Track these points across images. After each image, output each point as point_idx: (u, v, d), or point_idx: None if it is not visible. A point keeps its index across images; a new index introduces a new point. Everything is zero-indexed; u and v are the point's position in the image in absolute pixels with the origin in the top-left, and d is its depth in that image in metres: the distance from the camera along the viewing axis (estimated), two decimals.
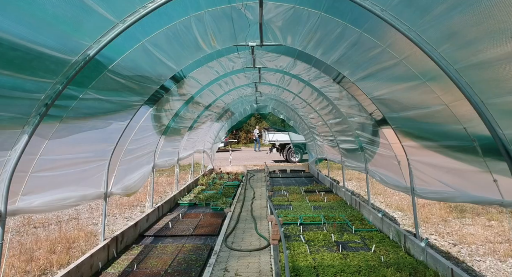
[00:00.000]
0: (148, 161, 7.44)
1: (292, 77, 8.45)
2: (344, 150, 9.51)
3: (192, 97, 8.12)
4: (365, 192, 11.71)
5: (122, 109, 4.77)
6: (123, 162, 5.84)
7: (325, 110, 9.00)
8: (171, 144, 9.13)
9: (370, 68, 4.45)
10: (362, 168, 8.07)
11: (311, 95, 8.85)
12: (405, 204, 9.50)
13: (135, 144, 6.09)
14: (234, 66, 7.44)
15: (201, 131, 12.59)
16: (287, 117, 16.60)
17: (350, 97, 6.05)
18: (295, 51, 5.90)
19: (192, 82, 6.75)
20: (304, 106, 11.17)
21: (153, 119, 6.34)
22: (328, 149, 12.05)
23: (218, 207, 8.90)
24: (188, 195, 10.50)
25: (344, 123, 8.14)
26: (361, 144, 7.66)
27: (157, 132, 7.24)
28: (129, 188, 6.27)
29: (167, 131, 8.06)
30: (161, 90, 5.71)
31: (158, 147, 7.94)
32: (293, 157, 22.35)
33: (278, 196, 10.34)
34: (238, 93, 11.75)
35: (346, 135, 8.67)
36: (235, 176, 14.34)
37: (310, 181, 13.60)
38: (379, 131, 5.97)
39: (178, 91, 6.50)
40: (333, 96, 7.20)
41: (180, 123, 8.86)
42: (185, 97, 7.40)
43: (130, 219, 8.59)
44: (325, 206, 8.81)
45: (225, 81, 8.84)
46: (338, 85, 6.08)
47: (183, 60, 5.17)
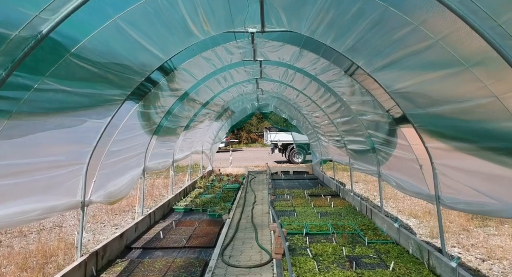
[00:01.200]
0: (137, 164, 6.71)
1: (297, 72, 7.71)
2: (353, 151, 8.77)
3: (186, 93, 7.39)
4: (374, 196, 10.97)
5: (98, 104, 4.04)
6: (105, 166, 5.11)
7: (332, 108, 8.26)
8: (164, 145, 8.41)
9: (393, 55, 3.70)
10: (373, 172, 7.33)
11: (317, 91, 8.10)
12: (419, 210, 8.74)
13: (119, 145, 5.36)
14: (232, 58, 6.71)
15: (199, 131, 11.87)
16: (290, 116, 15.87)
17: (364, 92, 5.31)
18: (301, 39, 5.16)
19: (185, 76, 6.01)
20: (309, 104, 10.42)
21: (141, 117, 5.62)
22: (334, 150, 11.30)
23: (216, 214, 8.18)
24: (184, 200, 9.78)
25: (354, 122, 7.40)
26: (373, 145, 6.91)
27: (147, 131, 6.51)
28: (113, 195, 5.54)
29: (159, 131, 7.34)
30: (148, 84, 4.99)
31: (149, 148, 7.21)
32: (295, 158, 21.61)
33: (281, 201, 9.61)
34: (238, 90, 11.03)
35: (355, 135, 7.92)
36: (235, 178, 13.62)
37: (315, 184, 12.85)
38: (397, 130, 5.22)
39: (169, 86, 5.77)
40: (342, 92, 6.45)
41: (174, 122, 8.13)
42: (178, 93, 6.67)
43: (120, 227, 7.87)
44: (332, 213, 8.06)
45: (223, 76, 8.11)
46: (350, 78, 5.33)
47: (171, 47, 4.43)
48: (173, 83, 5.78)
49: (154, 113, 6.21)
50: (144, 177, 7.20)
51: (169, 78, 5.44)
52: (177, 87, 6.29)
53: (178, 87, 6.36)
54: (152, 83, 5.11)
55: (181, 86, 6.48)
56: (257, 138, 42.69)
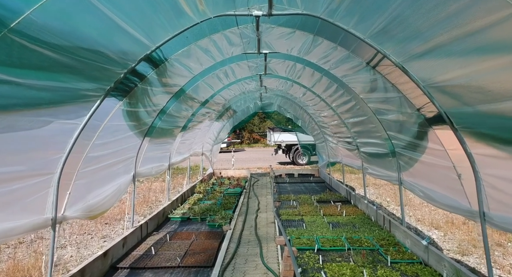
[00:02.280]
0: (125, 170, 5.92)
1: (306, 66, 6.90)
2: (367, 154, 7.95)
3: (182, 90, 6.59)
4: (387, 202, 10.15)
5: (66, 100, 3.25)
6: (83, 175, 4.32)
7: (345, 107, 7.44)
8: (159, 148, 7.61)
9: (438, 37, 2.89)
10: (392, 178, 6.51)
11: (328, 88, 7.28)
12: (440, 220, 7.91)
13: (101, 149, 4.57)
14: (233, 51, 5.91)
15: (198, 132, 11.08)
16: (295, 116, 15.06)
17: (389, 87, 4.49)
18: (315, 24, 4.36)
19: (178, 69, 5.21)
20: (317, 102, 9.61)
21: (127, 116, 4.82)
22: (344, 152, 10.47)
23: (216, 224, 7.38)
24: (182, 207, 8.98)
25: (370, 122, 6.58)
26: (392, 148, 6.09)
27: (136, 133, 5.72)
28: (95, 208, 4.75)
29: (152, 132, 6.54)
30: (133, 77, 4.19)
31: (141, 152, 6.42)
32: (300, 159, 20.80)
33: (286, 208, 8.80)
34: (240, 88, 10.22)
35: (370, 137, 7.10)
36: (237, 181, 12.83)
37: (322, 188, 12.03)
38: (428, 132, 4.40)
39: (160, 80, 4.97)
40: (360, 88, 5.64)
41: (170, 122, 7.33)
42: (172, 90, 5.87)
43: (108, 240, 7.09)
44: (344, 223, 7.25)
45: (224, 71, 7.31)
46: (373, 70, 4.51)
47: (159, 31, 3.63)
48: (165, 77, 4.98)
49: (144, 112, 5.41)
50: (135, 184, 6.41)
51: (160, 71, 4.64)
52: (171, 82, 5.49)
53: (171, 83, 5.56)
54: (139, 76, 4.30)
55: (175, 82, 5.68)
56: (260, 138, 41.88)
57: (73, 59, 2.89)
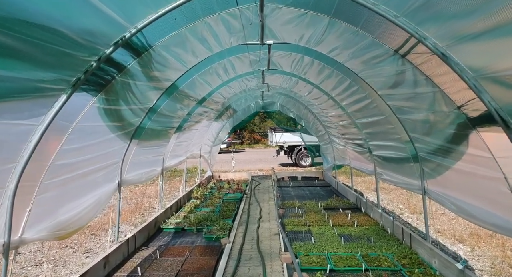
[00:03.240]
0: (108, 178, 5.14)
1: (315, 59, 6.12)
2: (381, 158, 7.15)
3: (175, 86, 5.81)
4: (400, 209, 9.36)
5: (11, 94, 2.47)
6: (49, 187, 3.54)
7: (358, 105, 6.65)
8: (150, 151, 6.83)
9: (507, 10, 2.10)
10: (413, 186, 5.72)
11: (339, 84, 6.50)
12: (463, 231, 7.12)
13: (72, 155, 3.79)
14: (232, 40, 5.13)
15: (195, 133, 10.29)
16: (298, 116, 14.28)
17: (421, 80, 3.70)
18: (332, 2, 3.57)
19: (167, 60, 4.42)
20: (324, 101, 8.83)
21: (105, 115, 4.03)
22: (353, 154, 9.69)
23: (213, 236, 6.59)
24: (177, 215, 8.20)
25: (387, 123, 5.79)
26: (414, 152, 5.31)
27: (120, 135, 4.94)
28: (68, 225, 3.98)
29: (140, 134, 5.76)
30: (108, 67, 3.40)
31: (128, 156, 5.64)
32: (303, 161, 20.01)
33: (291, 217, 8.01)
34: (241, 85, 9.45)
35: (387, 139, 6.32)
36: (237, 185, 12.04)
37: (328, 193, 11.24)
38: (470, 135, 3.61)
39: (145, 73, 4.19)
40: (381, 83, 4.84)
41: (162, 122, 6.55)
42: (161, 85, 5.09)
43: (92, 255, 6.30)
44: (357, 236, 6.46)
45: (223, 65, 6.53)
46: (402, 60, 3.72)
47: (138, 6, 2.85)
48: (150, 69, 4.19)
49: (128, 111, 4.62)
50: (121, 194, 5.62)
51: (143, 61, 3.85)
52: (159, 76, 4.70)
53: (160, 77, 4.77)
54: (116, 67, 3.52)
55: (165, 75, 4.90)
56: (260, 139, 41.09)
57: (15, 38, 2.11)
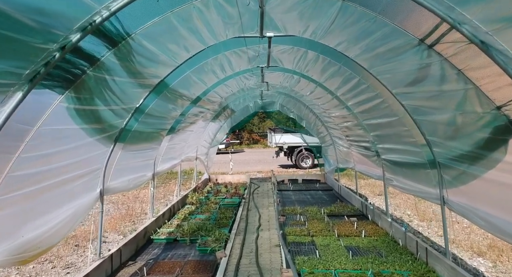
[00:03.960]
0: (87, 187, 4.54)
1: (320, 54, 5.54)
2: (391, 162, 6.57)
3: (165, 84, 5.22)
4: (408, 216, 8.78)
5: None
6: (4, 203, 2.94)
7: (366, 105, 6.07)
8: (139, 155, 6.23)
9: None
10: (429, 195, 5.14)
11: (346, 82, 5.92)
12: (480, 243, 6.54)
13: (36, 165, 3.20)
14: (228, 33, 4.56)
15: (190, 134, 9.70)
16: (299, 116, 13.71)
17: (452, 74, 3.11)
18: None
19: (152, 52, 3.82)
20: (327, 100, 8.25)
21: (79, 117, 3.43)
22: (358, 157, 9.11)
23: (208, 249, 6.00)
24: (169, 223, 7.60)
25: (401, 124, 5.21)
26: (432, 157, 4.73)
27: (101, 139, 4.34)
28: (33, 245, 3.39)
29: (126, 137, 5.18)
30: (76, 59, 2.81)
31: (111, 162, 5.05)
32: (303, 163, 19.42)
33: (293, 225, 7.44)
34: (239, 84, 8.86)
35: (400, 142, 5.75)
36: (235, 189, 11.45)
37: (331, 198, 10.66)
38: (510, 140, 3.03)
39: (125, 67, 3.59)
40: (397, 79, 4.26)
41: (151, 124, 5.97)
42: (147, 82, 4.49)
43: (74, 271, 5.70)
44: (366, 248, 5.88)
45: (218, 61, 5.94)
46: (429, 51, 3.13)
47: None
48: (131, 63, 3.60)
49: (108, 111, 4.03)
50: (103, 204, 5.02)
51: (121, 52, 3.26)
52: (144, 71, 4.11)
53: (145, 72, 4.18)
54: (87, 58, 2.92)
55: (151, 71, 4.30)
56: (259, 139, 40.50)
57: None
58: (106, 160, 4.87)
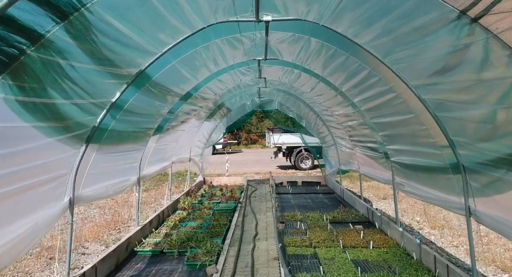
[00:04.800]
0: (52, 197, 3.84)
1: (325, 42, 4.86)
2: (402, 166, 5.89)
3: (146, 75, 4.53)
4: (417, 222, 8.11)
5: None
6: None
7: (376, 101, 5.39)
8: (120, 158, 5.53)
9: None
10: (451, 204, 4.45)
11: (354, 75, 5.24)
12: (503, 255, 5.87)
13: None
14: (217, 15, 3.87)
15: (182, 134, 9.00)
16: (298, 115, 13.02)
17: (503, 57, 2.43)
18: None
19: (124, 34, 3.12)
20: (330, 97, 7.58)
21: (26, 111, 2.73)
22: (363, 159, 8.43)
23: (197, 263, 5.31)
24: (157, 232, 6.90)
25: (417, 123, 4.53)
26: (455, 161, 4.06)
27: (66, 139, 3.64)
28: None
29: (101, 137, 4.48)
30: (8, 32, 2.11)
31: (84, 165, 4.35)
32: (303, 163, 18.74)
33: (293, 234, 6.77)
34: (234, 80, 8.18)
35: (414, 143, 5.08)
36: (231, 193, 10.74)
37: (333, 202, 9.99)
38: None
39: (85, 50, 2.87)
40: (421, 68, 3.56)
41: (133, 122, 5.28)
42: (122, 71, 3.78)
43: None
44: (376, 263, 5.20)
45: (208, 50, 5.25)
46: (470, 26, 2.45)
47: None
48: (93, 45, 2.88)
49: (71, 105, 3.32)
50: (73, 215, 4.32)
51: (75, 28, 2.55)
52: (114, 58, 3.39)
53: (117, 59, 3.47)
54: (25, 34, 2.22)
55: (124, 58, 3.60)
56: (258, 139, 39.83)
57: None
58: (76, 164, 4.17)
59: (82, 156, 4.21)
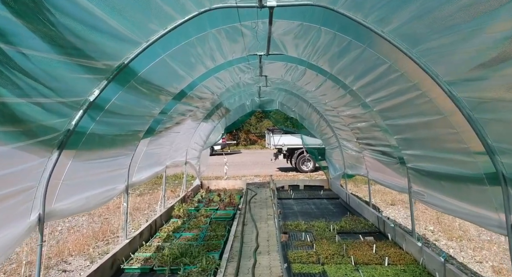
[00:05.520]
0: (14, 215, 3.19)
1: (337, 33, 4.22)
2: (422, 173, 5.24)
3: (131, 70, 3.88)
4: (430, 232, 7.48)
5: None
6: None
7: (395, 100, 4.75)
8: (103, 165, 4.87)
9: None
10: (487, 221, 3.81)
11: (370, 71, 4.61)
12: None
13: None
14: None
15: (176, 136, 8.35)
16: (300, 116, 12.39)
17: None
18: None
19: (92, 13, 2.47)
20: (338, 96, 6.96)
21: None
22: (373, 164, 7.80)
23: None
24: (148, 244, 6.25)
25: (445, 125, 3.90)
26: (493, 170, 3.43)
27: (28, 146, 2.99)
28: None
29: (78, 142, 3.84)
30: None
31: (57, 176, 3.70)
32: (304, 166, 18.11)
33: (298, 247, 6.14)
34: (233, 78, 7.55)
35: (438, 149, 4.44)
36: (230, 198, 10.09)
37: (339, 208, 9.36)
38: None
39: (39, 32, 2.22)
40: (459, 61, 2.93)
41: (117, 124, 4.63)
42: (97, 64, 3.13)
43: None
44: None
45: (203, 42, 4.60)
46: None
47: None
48: (49, 27, 2.21)
49: (32, 105, 2.67)
50: (42, 235, 3.66)
51: (17, 2, 1.91)
52: (84, 46, 2.72)
53: (87, 48, 2.81)
54: None
55: (97, 47, 2.94)
56: (257, 139, 39.22)
57: None
58: (46, 175, 3.53)
59: (54, 165, 3.57)
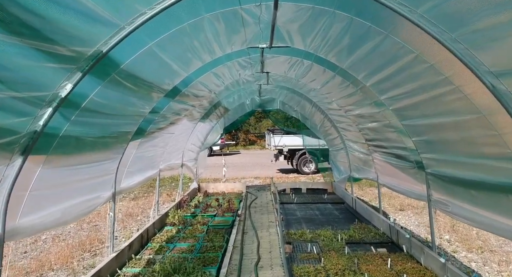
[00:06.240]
0: None
1: (354, 18, 3.61)
2: (444, 179, 4.64)
3: (111, 61, 3.28)
4: (447, 242, 6.89)
5: None
6: None
7: (417, 97, 4.14)
8: (83, 171, 4.26)
9: None
10: None
11: (389, 63, 4.01)
12: None
13: None
14: None
15: (171, 137, 7.74)
16: (303, 115, 11.81)
17: None
18: None
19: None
20: (346, 94, 6.38)
21: None
22: (383, 167, 7.20)
23: None
24: (138, 258, 5.64)
25: (481, 126, 3.31)
26: None
27: None
28: None
29: (49, 146, 3.25)
30: None
31: (21, 188, 3.09)
32: (306, 167, 17.51)
33: (303, 260, 5.56)
34: (232, 74, 6.96)
35: (468, 153, 3.85)
36: (229, 203, 9.47)
37: (345, 214, 8.77)
38: None
39: None
40: None
41: (98, 125, 4.02)
42: (63, 50, 2.52)
43: None
44: None
45: (198, 29, 3.99)
46: None
47: None
48: None
49: None
50: (2, 255, 3.05)
51: None
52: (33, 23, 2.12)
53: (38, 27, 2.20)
54: None
55: (59, 26, 2.33)
56: (256, 140, 38.63)
57: None
58: (6, 186, 2.92)
59: (17, 173, 2.96)
